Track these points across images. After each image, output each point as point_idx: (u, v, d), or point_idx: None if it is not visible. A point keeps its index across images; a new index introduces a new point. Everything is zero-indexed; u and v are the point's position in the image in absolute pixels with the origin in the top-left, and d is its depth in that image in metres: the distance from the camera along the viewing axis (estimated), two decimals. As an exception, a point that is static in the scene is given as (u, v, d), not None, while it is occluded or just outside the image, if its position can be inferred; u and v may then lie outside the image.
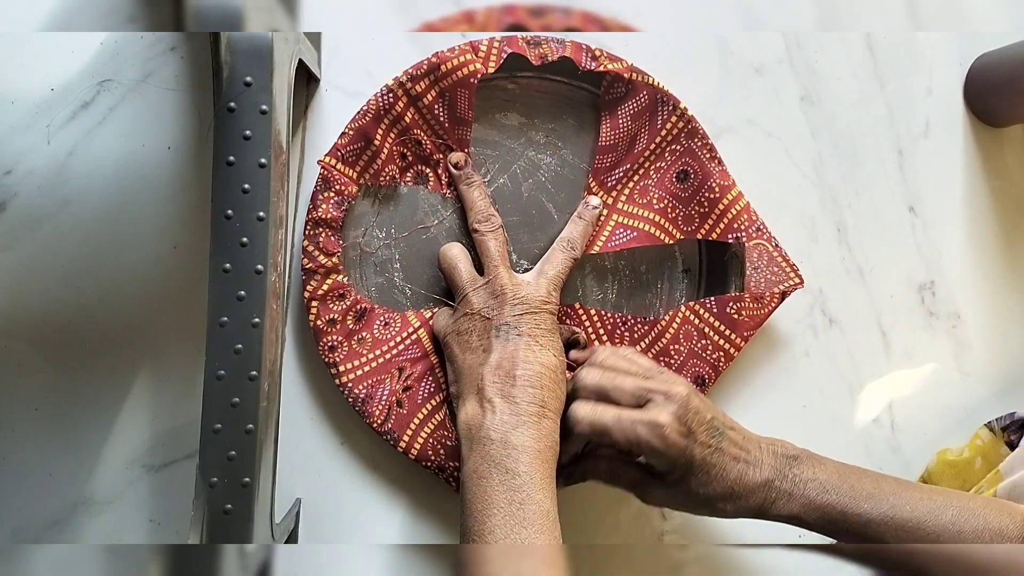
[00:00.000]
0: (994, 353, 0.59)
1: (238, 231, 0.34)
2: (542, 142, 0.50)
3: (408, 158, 0.48)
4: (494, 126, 0.49)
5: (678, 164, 0.50)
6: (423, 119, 0.47)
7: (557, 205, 0.50)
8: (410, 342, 0.48)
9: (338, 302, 0.46)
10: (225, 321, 0.35)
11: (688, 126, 0.49)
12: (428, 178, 0.49)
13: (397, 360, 0.48)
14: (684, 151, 0.50)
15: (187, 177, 0.47)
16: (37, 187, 0.46)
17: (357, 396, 0.46)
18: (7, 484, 0.46)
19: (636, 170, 0.50)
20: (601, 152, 0.49)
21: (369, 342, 0.48)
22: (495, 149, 0.49)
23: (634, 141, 0.49)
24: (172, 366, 0.47)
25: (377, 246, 0.48)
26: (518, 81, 0.49)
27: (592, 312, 0.51)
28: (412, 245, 0.49)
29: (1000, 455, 0.53)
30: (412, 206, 0.49)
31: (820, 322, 0.56)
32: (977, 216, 0.59)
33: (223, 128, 0.34)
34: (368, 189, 0.48)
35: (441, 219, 0.49)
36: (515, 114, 0.50)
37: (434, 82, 0.46)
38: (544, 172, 0.50)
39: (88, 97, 0.46)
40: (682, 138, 0.49)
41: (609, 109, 0.49)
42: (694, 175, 0.50)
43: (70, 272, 0.46)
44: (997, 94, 0.57)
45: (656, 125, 0.49)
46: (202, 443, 0.35)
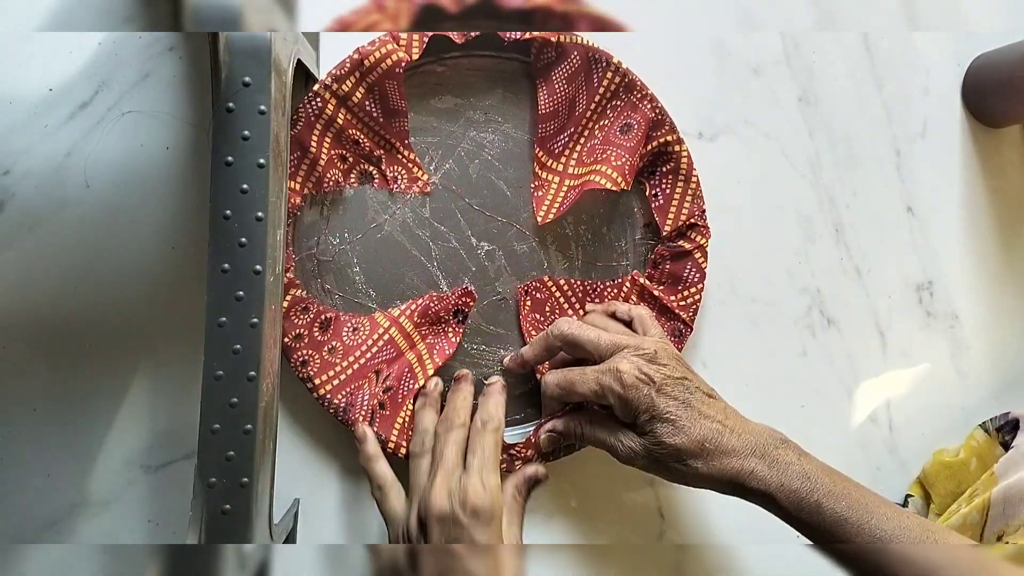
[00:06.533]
0: (991, 353, 0.59)
1: (237, 231, 0.34)
2: (481, 120, 0.50)
3: (349, 159, 0.47)
4: (430, 112, 0.49)
5: (620, 119, 0.50)
6: (356, 118, 0.46)
7: (508, 182, 0.50)
8: (383, 343, 0.48)
9: (302, 315, 0.46)
10: (224, 321, 0.35)
11: (625, 79, 0.49)
12: (373, 176, 0.48)
13: (372, 364, 0.48)
14: (625, 105, 0.49)
15: (185, 178, 0.47)
16: (35, 187, 0.45)
17: (338, 406, 0.46)
18: (5, 484, 0.46)
19: (581, 132, 0.50)
20: (543, 120, 0.49)
21: (340, 351, 0.47)
22: (435, 135, 0.49)
23: (574, 104, 0.49)
24: (170, 366, 0.47)
25: (333, 253, 0.48)
26: (446, 63, 0.48)
27: (562, 282, 0.51)
28: (368, 245, 0.48)
29: (995, 456, 0.53)
30: (362, 206, 0.48)
31: (818, 322, 0.56)
32: (975, 216, 0.59)
33: (221, 128, 0.34)
34: (314, 198, 0.47)
35: (392, 214, 0.49)
36: (449, 96, 0.49)
37: (360, 79, 0.45)
38: (489, 150, 0.50)
39: (86, 97, 0.46)
40: (621, 92, 0.49)
41: (543, 76, 0.49)
42: (636, 126, 0.49)
43: (68, 273, 0.46)
44: (994, 94, 0.57)
45: (593, 84, 0.49)
46: (200, 443, 0.35)
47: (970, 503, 0.49)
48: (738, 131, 0.54)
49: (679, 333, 0.51)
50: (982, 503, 0.48)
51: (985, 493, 0.49)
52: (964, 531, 0.48)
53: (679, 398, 0.42)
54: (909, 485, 0.57)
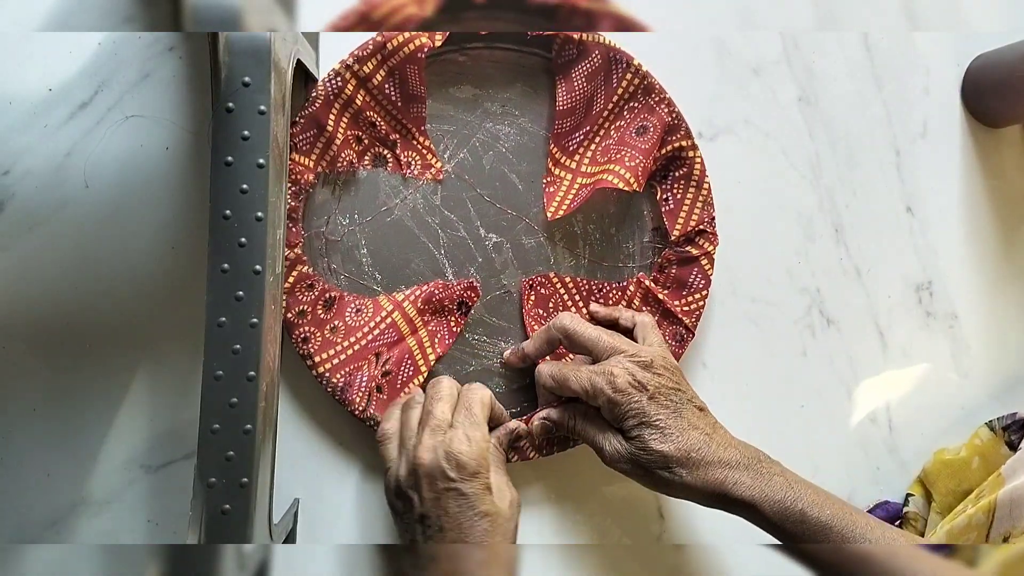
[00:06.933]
0: (991, 353, 0.59)
1: (236, 231, 0.34)
2: (498, 112, 0.50)
3: (364, 141, 0.48)
4: (448, 100, 0.49)
5: (637, 121, 0.50)
6: (375, 100, 0.46)
7: (520, 175, 0.50)
8: (385, 326, 0.48)
9: (306, 292, 0.46)
10: (223, 321, 0.35)
11: (644, 82, 0.49)
12: (387, 159, 0.48)
13: (373, 346, 0.48)
14: (642, 107, 0.49)
15: (185, 177, 0.47)
16: (35, 188, 0.45)
17: (336, 385, 0.46)
18: (5, 484, 0.46)
19: (596, 131, 0.50)
20: (559, 116, 0.49)
21: (342, 330, 0.47)
22: (451, 124, 0.49)
23: (591, 102, 0.49)
24: (170, 366, 0.47)
25: (342, 233, 0.48)
26: (468, 53, 0.48)
27: (567, 279, 0.51)
28: (377, 229, 0.48)
29: (1000, 455, 0.53)
30: (373, 189, 0.48)
31: (818, 322, 0.56)
32: (974, 216, 0.59)
33: (221, 128, 0.34)
34: (327, 177, 0.47)
35: (404, 199, 0.49)
36: (468, 86, 0.49)
37: (382, 61, 0.45)
38: (504, 142, 0.50)
39: (86, 97, 0.46)
40: (639, 95, 0.49)
41: (563, 72, 0.49)
42: (652, 128, 0.49)
43: (68, 273, 0.46)
44: (994, 95, 0.57)
45: (612, 84, 0.49)
46: (200, 443, 0.35)
47: (976, 504, 0.49)
48: (738, 131, 0.54)
49: (681, 338, 0.51)
50: (988, 504, 0.48)
51: (992, 494, 0.48)
52: (969, 532, 0.48)
53: (670, 407, 0.43)
54: (910, 484, 0.57)
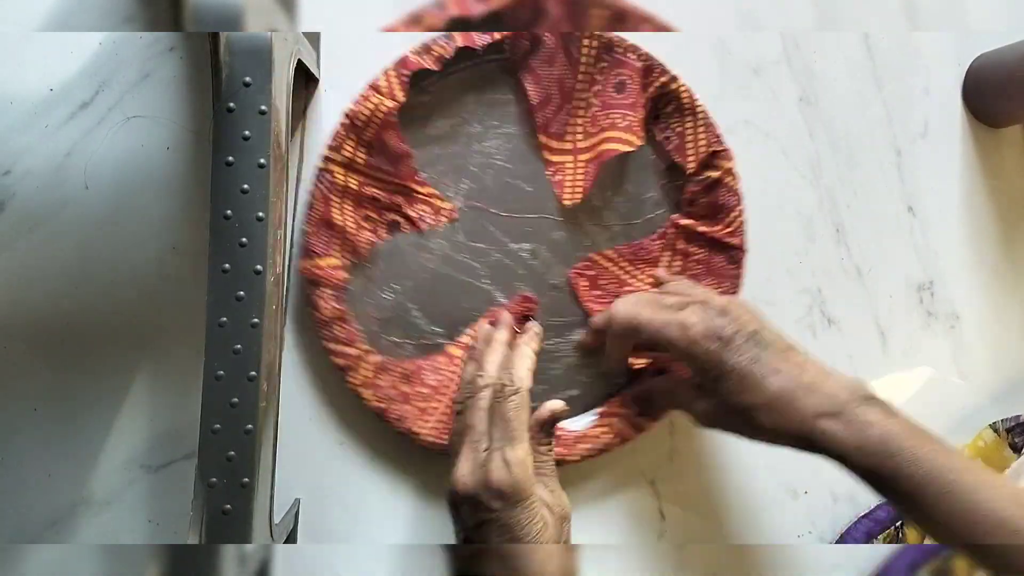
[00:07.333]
0: (993, 354, 0.59)
1: (237, 231, 0.34)
2: (480, 131, 0.49)
3: (373, 217, 0.48)
4: (429, 142, 0.48)
5: (612, 79, 0.49)
6: (367, 176, 0.47)
7: (524, 178, 0.50)
8: None
9: (384, 378, 0.47)
10: (224, 321, 0.35)
11: (601, 40, 0.48)
12: (399, 223, 0.48)
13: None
14: (611, 64, 0.49)
15: (186, 178, 0.47)
16: (35, 188, 0.45)
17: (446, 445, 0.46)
18: (5, 484, 0.46)
19: (578, 105, 0.49)
20: (538, 109, 0.49)
21: (431, 395, 0.48)
22: (443, 162, 0.49)
23: (562, 83, 0.49)
24: (171, 366, 0.47)
25: (389, 307, 0.48)
26: (428, 91, 0.48)
27: (609, 253, 0.51)
28: (420, 289, 0.49)
29: (1004, 457, 0.53)
30: (400, 254, 0.48)
31: (819, 322, 0.56)
32: (976, 216, 0.59)
33: (222, 128, 0.34)
34: (355, 266, 0.47)
35: (431, 251, 0.49)
36: (441, 120, 0.49)
37: (358, 140, 0.46)
38: (498, 157, 0.50)
39: (87, 97, 0.46)
40: (603, 55, 0.49)
41: (524, 67, 0.48)
42: (630, 80, 0.49)
43: (69, 273, 0.46)
44: (995, 94, 0.57)
45: (573, 57, 0.48)
46: (201, 443, 0.35)
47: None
48: (738, 131, 0.54)
49: (736, 260, 0.51)
50: None
51: None
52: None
53: (749, 353, 0.40)
54: (910, 485, 0.57)
